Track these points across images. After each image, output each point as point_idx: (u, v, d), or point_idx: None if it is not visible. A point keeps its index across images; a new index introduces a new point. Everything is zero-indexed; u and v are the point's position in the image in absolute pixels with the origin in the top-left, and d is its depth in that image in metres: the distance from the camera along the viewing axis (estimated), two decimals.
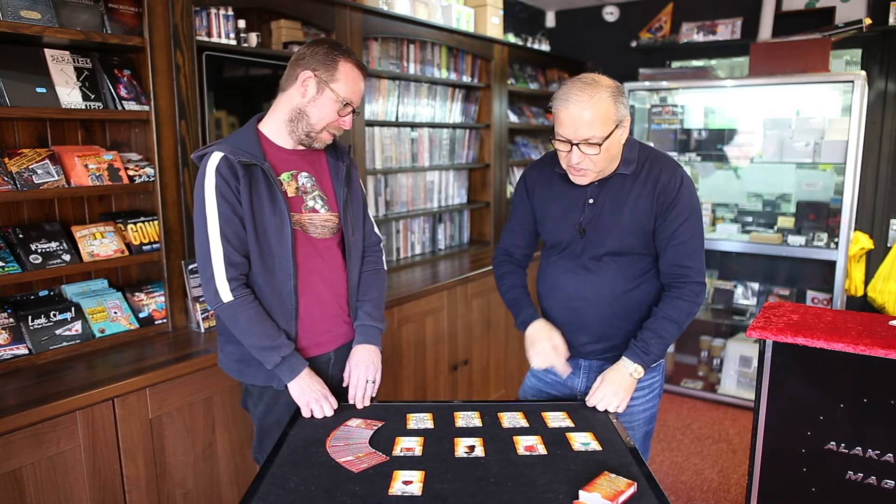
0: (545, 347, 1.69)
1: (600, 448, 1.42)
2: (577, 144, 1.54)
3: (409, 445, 1.44)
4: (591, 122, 1.51)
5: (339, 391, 1.74)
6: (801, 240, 3.67)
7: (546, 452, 1.40)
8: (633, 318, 1.73)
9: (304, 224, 1.68)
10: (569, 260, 1.73)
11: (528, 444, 1.44)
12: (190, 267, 2.28)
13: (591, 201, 1.68)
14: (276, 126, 1.69)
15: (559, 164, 1.68)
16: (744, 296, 4.11)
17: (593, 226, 1.68)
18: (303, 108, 1.65)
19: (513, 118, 4.35)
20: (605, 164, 1.60)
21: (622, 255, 1.68)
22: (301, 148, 1.72)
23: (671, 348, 4.23)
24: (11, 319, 1.93)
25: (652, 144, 4.02)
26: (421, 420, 1.58)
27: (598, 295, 1.70)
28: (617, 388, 1.64)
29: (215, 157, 1.58)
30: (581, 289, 1.72)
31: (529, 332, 1.75)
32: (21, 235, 1.96)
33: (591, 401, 1.65)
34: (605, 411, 1.63)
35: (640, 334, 1.66)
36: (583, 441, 1.45)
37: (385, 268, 1.92)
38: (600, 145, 1.53)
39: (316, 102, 1.64)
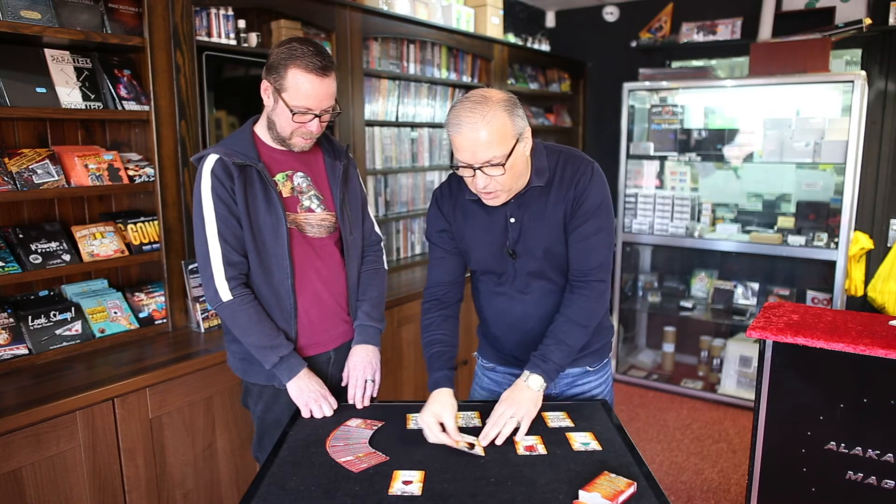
0: (430, 423, 1.47)
1: (600, 448, 1.42)
2: (479, 168, 1.42)
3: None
4: (489, 143, 1.39)
5: (339, 390, 1.74)
6: (801, 240, 3.67)
7: (546, 452, 1.40)
8: None
9: (300, 223, 1.69)
10: (509, 285, 1.64)
11: (528, 444, 1.44)
12: (190, 267, 2.28)
13: (512, 220, 1.58)
14: (266, 129, 1.70)
15: (468, 190, 1.55)
16: (744, 296, 4.10)
17: (522, 246, 1.58)
18: (269, 115, 1.64)
19: None
20: (513, 181, 1.48)
21: (561, 265, 1.61)
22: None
23: (671, 348, 4.23)
24: (11, 319, 1.93)
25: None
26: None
27: (550, 311, 1.62)
28: (513, 403, 1.50)
29: (210, 160, 1.60)
30: (531, 309, 1.64)
31: (430, 398, 1.56)
32: (21, 235, 1.96)
33: (488, 433, 1.46)
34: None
35: (540, 344, 1.57)
36: (583, 441, 1.45)
37: (385, 267, 1.92)
38: (503, 164, 1.41)
39: (275, 111, 1.61)
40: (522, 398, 1.51)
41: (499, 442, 1.45)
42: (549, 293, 1.63)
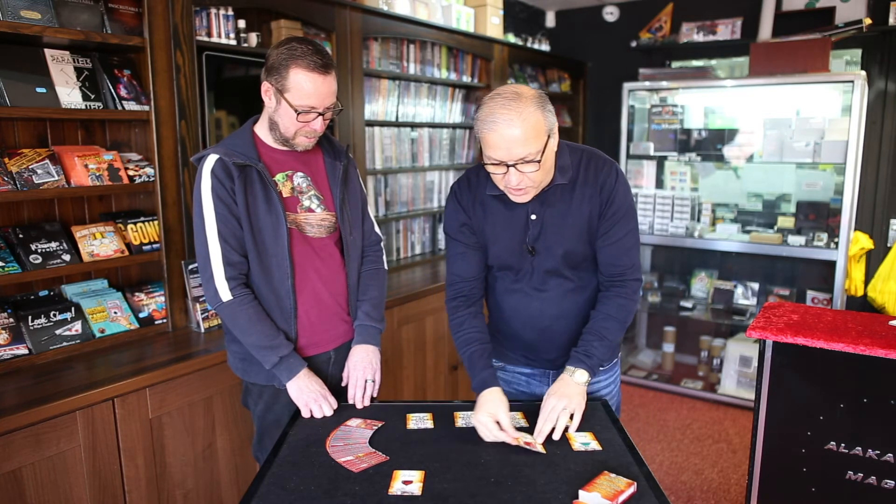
0: (486, 422, 1.46)
1: (600, 448, 1.42)
2: (513, 165, 1.43)
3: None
4: (525, 140, 1.39)
5: (339, 390, 1.74)
6: (801, 240, 3.67)
7: (546, 452, 1.40)
8: None
9: (300, 223, 1.69)
10: (525, 282, 1.65)
11: (528, 442, 1.44)
12: (190, 267, 2.28)
13: (533, 217, 1.59)
14: (266, 129, 1.70)
15: (489, 185, 1.58)
16: (744, 296, 4.11)
17: (542, 243, 1.60)
18: (271, 117, 1.64)
19: None
20: (543, 176, 1.50)
21: (579, 264, 1.63)
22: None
23: (671, 348, 4.23)
24: (11, 319, 1.93)
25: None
26: (421, 420, 1.58)
27: (566, 310, 1.65)
28: (564, 395, 1.51)
29: (211, 160, 1.60)
30: (547, 307, 1.65)
31: (481, 399, 1.55)
32: (21, 235, 1.96)
33: (542, 429, 1.46)
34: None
35: (580, 339, 1.60)
36: (583, 441, 1.45)
37: (385, 267, 1.92)
38: (539, 161, 1.43)
39: (278, 112, 1.61)
40: (571, 391, 1.53)
41: (556, 436, 1.46)
42: (566, 291, 1.64)
